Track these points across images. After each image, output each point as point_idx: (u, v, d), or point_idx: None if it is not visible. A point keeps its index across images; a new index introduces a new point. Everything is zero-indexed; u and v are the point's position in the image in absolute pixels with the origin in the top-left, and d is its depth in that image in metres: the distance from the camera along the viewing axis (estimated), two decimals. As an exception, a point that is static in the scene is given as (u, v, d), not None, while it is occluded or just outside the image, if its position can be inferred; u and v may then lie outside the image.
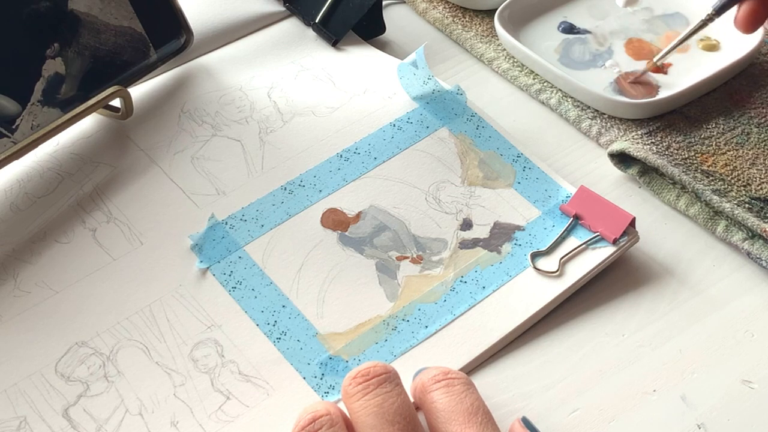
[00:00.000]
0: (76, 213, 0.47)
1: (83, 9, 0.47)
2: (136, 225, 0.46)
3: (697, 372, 0.40)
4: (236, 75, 0.54)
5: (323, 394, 0.39)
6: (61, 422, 0.38)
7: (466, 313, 0.42)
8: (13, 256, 0.45)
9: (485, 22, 0.58)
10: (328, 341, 0.41)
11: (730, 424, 0.38)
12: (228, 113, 0.52)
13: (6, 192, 0.48)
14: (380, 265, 0.44)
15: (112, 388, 0.39)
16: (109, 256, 0.45)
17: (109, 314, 0.42)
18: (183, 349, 0.41)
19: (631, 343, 0.41)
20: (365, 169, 0.48)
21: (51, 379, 0.40)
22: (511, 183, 0.47)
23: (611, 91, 0.52)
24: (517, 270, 0.43)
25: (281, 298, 0.42)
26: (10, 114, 0.45)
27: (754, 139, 0.49)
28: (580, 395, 0.39)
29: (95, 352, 0.41)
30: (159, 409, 0.39)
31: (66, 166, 0.49)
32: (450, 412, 0.34)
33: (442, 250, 0.44)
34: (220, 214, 0.46)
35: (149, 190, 0.48)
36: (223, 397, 0.39)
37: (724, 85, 0.52)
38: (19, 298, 0.43)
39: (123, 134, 0.51)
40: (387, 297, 0.42)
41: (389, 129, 0.50)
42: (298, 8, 0.58)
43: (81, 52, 0.47)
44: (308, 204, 0.46)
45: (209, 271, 0.44)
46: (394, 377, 0.35)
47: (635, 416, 0.38)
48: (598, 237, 0.44)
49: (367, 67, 0.54)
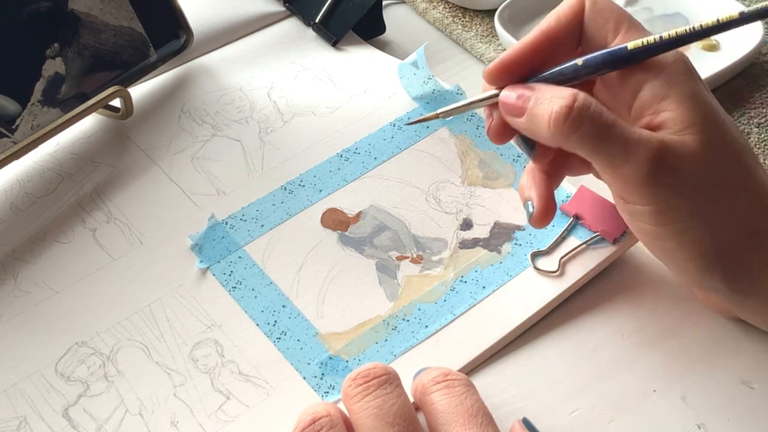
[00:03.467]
0: (76, 213, 0.47)
1: (83, 9, 0.47)
2: (136, 225, 0.46)
3: (697, 372, 0.40)
4: (236, 75, 0.54)
5: (323, 394, 0.39)
6: (61, 422, 0.38)
7: (466, 313, 0.42)
8: (13, 256, 0.45)
9: (485, 22, 0.58)
10: (328, 341, 0.41)
11: (730, 424, 0.38)
12: (228, 113, 0.52)
13: (6, 192, 0.48)
14: (380, 265, 0.44)
15: (112, 387, 0.39)
16: (109, 256, 0.45)
17: (109, 314, 0.42)
18: (183, 349, 0.41)
19: (631, 343, 0.41)
20: (365, 169, 0.48)
21: (51, 379, 0.40)
22: (512, 183, 0.47)
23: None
24: (518, 270, 0.43)
25: (281, 298, 0.42)
26: (10, 114, 0.45)
27: (754, 139, 0.49)
28: (580, 395, 0.39)
29: (95, 352, 0.41)
30: (159, 409, 0.39)
31: (66, 166, 0.49)
32: (450, 414, 0.34)
33: (442, 250, 0.44)
34: (220, 214, 0.46)
35: (149, 190, 0.48)
36: (223, 396, 0.39)
37: (724, 85, 0.52)
38: (19, 298, 0.43)
39: (123, 134, 0.51)
40: (387, 297, 0.42)
41: (389, 129, 0.50)
42: (298, 8, 0.58)
43: (81, 52, 0.47)
44: (308, 204, 0.46)
45: (209, 271, 0.44)
46: (394, 378, 0.35)
47: (635, 416, 0.38)
48: (599, 237, 0.44)
49: (367, 67, 0.54)
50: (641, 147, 0.34)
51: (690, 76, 0.36)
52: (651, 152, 0.34)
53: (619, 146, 0.34)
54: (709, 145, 0.35)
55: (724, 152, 0.35)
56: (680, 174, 0.34)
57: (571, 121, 0.35)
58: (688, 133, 0.35)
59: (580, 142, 0.35)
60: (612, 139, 0.34)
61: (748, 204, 0.36)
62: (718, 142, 0.35)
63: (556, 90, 0.36)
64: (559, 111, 0.35)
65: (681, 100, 0.35)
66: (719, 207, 0.35)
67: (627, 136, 0.34)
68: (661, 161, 0.34)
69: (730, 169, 0.35)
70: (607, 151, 0.35)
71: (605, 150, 0.35)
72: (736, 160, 0.36)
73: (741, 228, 0.35)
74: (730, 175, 0.35)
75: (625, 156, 0.34)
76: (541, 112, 0.36)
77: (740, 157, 0.36)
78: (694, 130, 0.35)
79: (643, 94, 0.36)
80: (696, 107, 0.35)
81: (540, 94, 0.37)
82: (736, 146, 0.36)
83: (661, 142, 0.34)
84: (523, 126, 0.38)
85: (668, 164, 0.34)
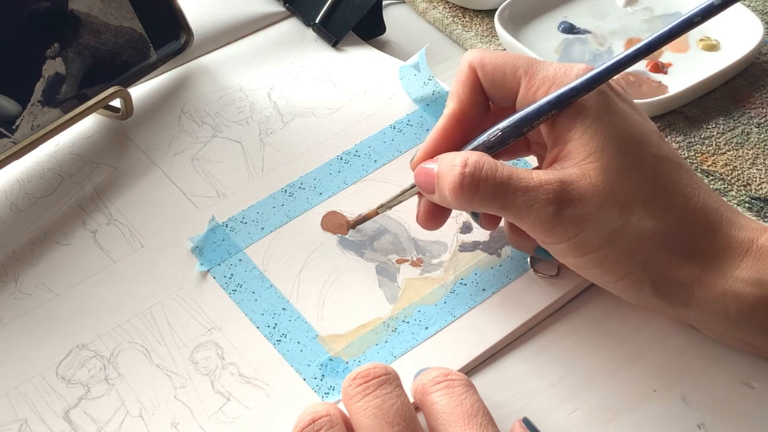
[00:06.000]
0: (77, 214, 0.47)
1: (83, 9, 0.47)
2: (137, 227, 0.46)
3: (697, 372, 0.40)
4: (236, 75, 0.54)
5: (323, 395, 0.39)
6: (61, 425, 0.38)
7: (466, 315, 0.42)
8: (14, 257, 0.45)
9: (485, 22, 0.58)
10: (328, 343, 0.41)
11: (730, 424, 0.38)
12: (228, 114, 0.52)
13: (6, 192, 0.48)
14: (380, 268, 0.44)
15: (112, 390, 0.39)
16: (110, 259, 0.45)
17: (109, 317, 0.42)
18: (183, 352, 0.41)
19: (631, 343, 0.41)
20: (365, 172, 0.48)
21: (52, 382, 0.40)
22: (511, 184, 0.47)
23: (611, 91, 0.52)
24: (517, 273, 0.43)
25: (281, 301, 0.42)
26: (10, 114, 0.45)
27: (754, 139, 0.49)
28: (580, 395, 0.39)
29: (96, 355, 0.41)
30: (159, 411, 0.39)
31: (66, 166, 0.49)
32: (450, 414, 0.35)
33: (442, 253, 0.44)
34: (220, 217, 0.46)
35: (150, 192, 0.48)
36: (224, 398, 0.39)
37: (724, 85, 0.52)
38: (20, 300, 0.43)
39: (123, 135, 0.51)
40: (387, 299, 0.42)
41: (389, 131, 0.50)
42: (298, 9, 0.58)
43: (81, 52, 0.47)
44: (308, 207, 0.46)
45: (210, 274, 0.44)
46: (394, 379, 0.35)
47: (635, 416, 0.38)
48: (598, 238, 0.44)
49: (367, 68, 0.54)
50: (541, 192, 0.35)
51: (602, 105, 0.36)
52: (551, 195, 0.35)
53: (520, 198, 0.35)
54: (611, 169, 0.35)
55: (632, 172, 0.36)
56: (584, 206, 0.35)
57: (467, 188, 0.36)
58: (589, 161, 0.36)
59: (483, 204, 0.36)
60: (511, 192, 0.36)
61: (669, 219, 0.36)
62: (624, 164, 0.36)
63: (450, 157, 0.37)
64: (453, 181, 0.36)
65: (584, 129, 0.36)
66: (634, 229, 0.36)
67: (525, 186, 0.35)
68: (562, 202, 0.35)
69: (642, 187, 0.36)
70: (510, 205, 0.36)
71: (508, 204, 0.36)
72: (648, 178, 0.36)
73: (664, 243, 0.36)
74: (642, 192, 0.36)
75: (528, 205, 0.35)
76: (442, 185, 0.37)
77: (656, 173, 0.36)
78: (594, 157, 0.36)
79: (556, 126, 0.37)
80: (597, 134, 0.36)
81: (440, 166, 0.38)
82: (648, 163, 0.36)
83: (560, 181, 0.35)
84: (438, 201, 0.39)
85: (571, 202, 0.35)
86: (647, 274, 0.36)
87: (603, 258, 0.36)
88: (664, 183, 0.36)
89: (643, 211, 0.36)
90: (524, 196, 0.35)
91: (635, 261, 0.36)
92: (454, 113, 0.40)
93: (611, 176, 0.35)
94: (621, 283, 0.37)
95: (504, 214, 0.37)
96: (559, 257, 0.38)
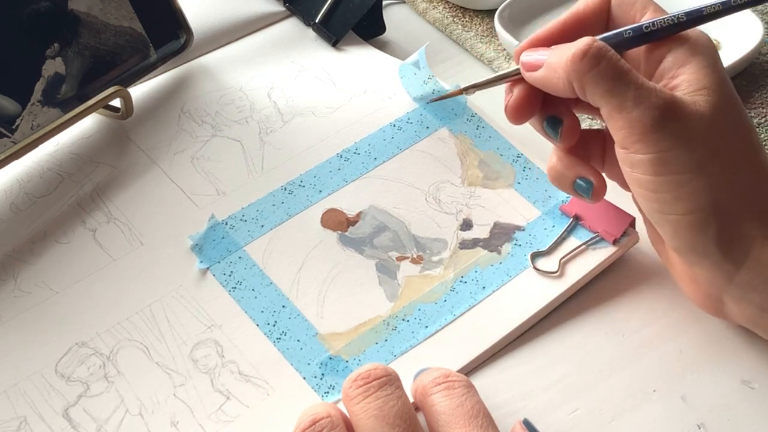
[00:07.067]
0: (76, 213, 0.47)
1: (83, 9, 0.47)
2: (136, 225, 0.46)
3: (697, 372, 0.40)
4: (236, 75, 0.54)
5: (323, 394, 0.39)
6: (61, 422, 0.38)
7: (466, 314, 0.42)
8: (14, 256, 0.45)
9: (485, 22, 0.58)
10: (328, 341, 0.41)
11: (730, 424, 0.38)
12: (228, 113, 0.52)
13: (6, 192, 0.48)
14: (380, 265, 0.44)
15: (112, 388, 0.39)
16: (109, 257, 0.45)
17: (109, 314, 0.42)
18: (183, 350, 0.41)
19: (631, 343, 0.41)
20: (365, 170, 0.48)
21: (51, 380, 0.40)
22: (511, 183, 0.47)
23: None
24: (517, 270, 0.43)
25: (281, 299, 0.42)
26: (10, 114, 0.45)
27: (754, 139, 0.49)
28: (580, 395, 0.39)
29: (95, 353, 0.41)
30: (159, 409, 0.39)
31: (66, 166, 0.49)
32: (450, 416, 0.34)
33: (442, 251, 0.44)
34: (220, 215, 0.46)
35: (149, 191, 0.48)
36: (223, 397, 0.39)
37: (724, 85, 0.52)
38: (20, 298, 0.43)
39: (123, 134, 0.51)
40: (387, 297, 0.42)
41: (389, 129, 0.50)
42: (298, 8, 0.58)
43: (81, 52, 0.47)
44: (308, 204, 0.46)
45: (209, 272, 0.44)
46: (395, 380, 0.35)
47: (635, 416, 0.38)
48: (599, 237, 0.44)
49: (367, 68, 0.54)
50: (653, 94, 0.35)
51: (713, 49, 0.37)
52: (661, 101, 0.35)
53: (632, 90, 0.35)
54: (718, 108, 0.36)
55: (732, 122, 0.36)
56: (686, 127, 0.35)
57: (590, 58, 0.36)
58: (700, 95, 0.36)
59: (595, 82, 0.36)
60: (626, 82, 0.36)
61: (750, 176, 0.36)
62: (728, 111, 0.36)
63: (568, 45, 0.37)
64: (578, 50, 0.36)
65: (700, 67, 0.36)
66: (721, 167, 0.36)
67: (641, 83, 0.36)
68: (669, 111, 0.35)
69: (735, 139, 0.36)
70: (620, 93, 0.36)
71: (618, 92, 0.36)
72: (742, 133, 0.37)
73: (740, 193, 0.36)
74: (735, 144, 0.36)
75: (637, 100, 0.35)
76: (558, 59, 0.37)
77: (747, 133, 0.37)
78: (706, 92, 0.36)
79: (666, 62, 0.37)
80: (712, 74, 0.36)
81: (558, 47, 0.38)
82: (744, 121, 0.37)
83: (672, 96, 0.36)
84: (540, 77, 0.39)
85: (676, 116, 0.35)
86: (717, 216, 0.36)
87: (683, 183, 0.35)
88: (755, 142, 0.37)
89: (734, 156, 0.36)
90: (637, 90, 0.35)
91: (712, 198, 0.36)
92: (579, 12, 0.40)
93: (717, 113, 0.36)
94: (688, 218, 0.36)
95: (609, 100, 0.36)
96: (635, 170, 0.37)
